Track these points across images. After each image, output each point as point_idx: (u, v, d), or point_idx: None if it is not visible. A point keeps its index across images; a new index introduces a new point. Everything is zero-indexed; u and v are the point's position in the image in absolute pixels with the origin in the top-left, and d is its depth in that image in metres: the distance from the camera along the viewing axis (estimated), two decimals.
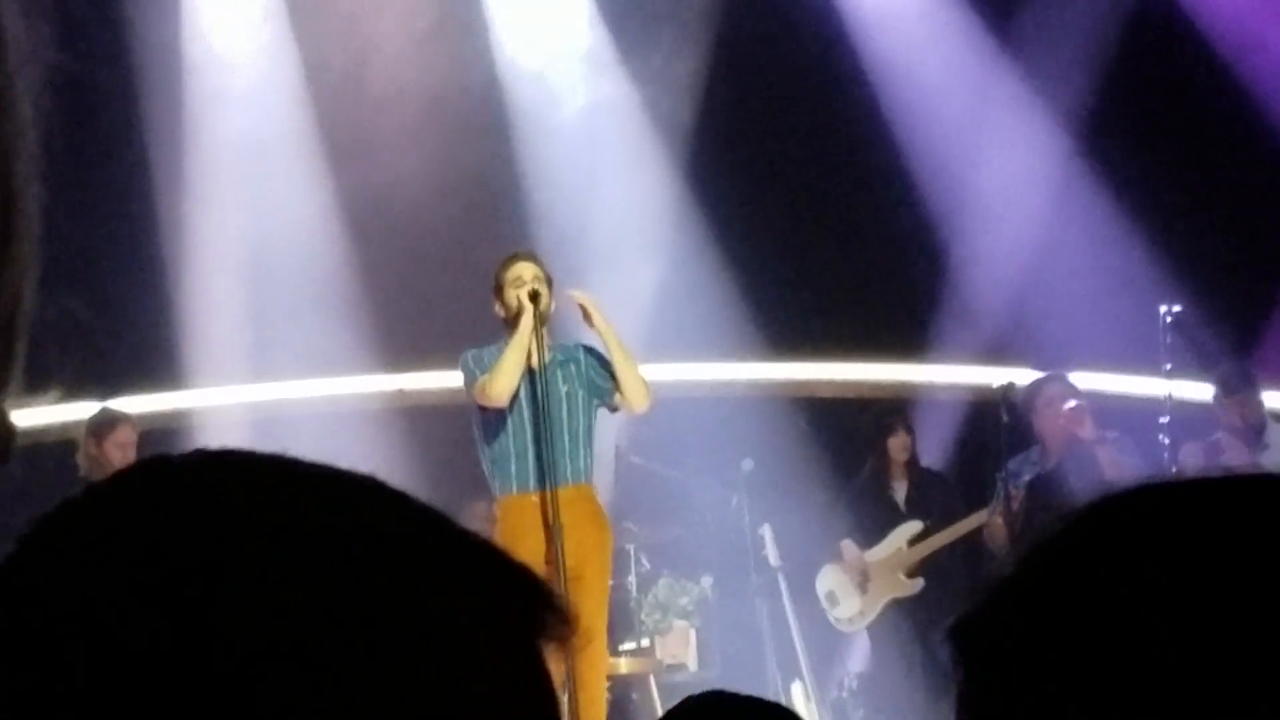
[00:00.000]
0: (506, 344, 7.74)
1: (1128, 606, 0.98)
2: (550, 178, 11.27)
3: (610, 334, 7.80)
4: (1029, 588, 1.03)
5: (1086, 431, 9.33)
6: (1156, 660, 0.96)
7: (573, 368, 7.90)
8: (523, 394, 7.74)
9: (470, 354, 7.88)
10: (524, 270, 7.76)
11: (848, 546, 10.09)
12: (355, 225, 11.08)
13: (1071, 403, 9.43)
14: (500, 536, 7.81)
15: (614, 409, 7.96)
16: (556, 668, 7.43)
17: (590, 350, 8.00)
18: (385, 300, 11.08)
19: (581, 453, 7.83)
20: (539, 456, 7.64)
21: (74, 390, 10.31)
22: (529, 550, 7.59)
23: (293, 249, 10.90)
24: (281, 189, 11.00)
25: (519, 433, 7.75)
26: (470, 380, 7.82)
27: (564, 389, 7.84)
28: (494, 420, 7.78)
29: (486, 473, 7.90)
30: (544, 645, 0.93)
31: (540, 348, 7.66)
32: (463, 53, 11.28)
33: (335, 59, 11.09)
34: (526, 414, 7.74)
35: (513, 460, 7.75)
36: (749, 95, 11.48)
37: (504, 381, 7.65)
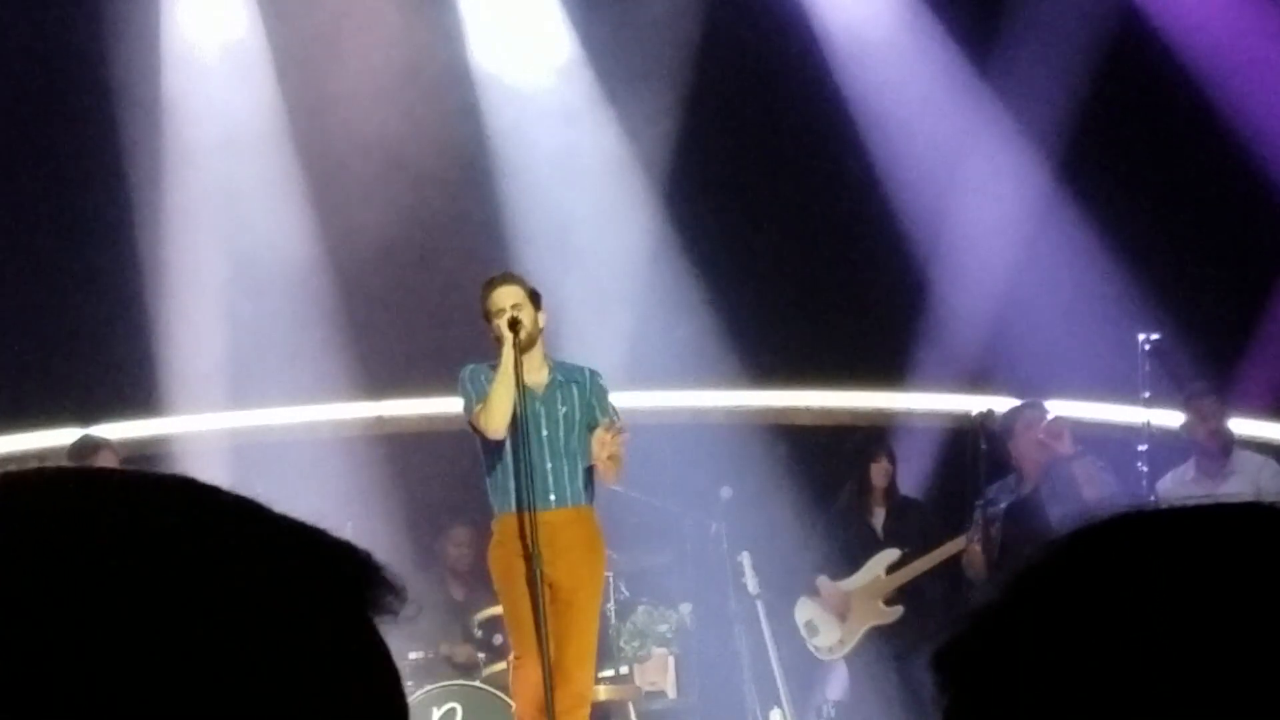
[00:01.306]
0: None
1: (1108, 635, 0.98)
2: (530, 206, 11.28)
3: (615, 464, 7.70)
4: (1012, 615, 1.03)
5: (1065, 447, 9.35)
6: (1137, 687, 0.97)
7: (574, 390, 7.83)
8: (518, 415, 7.70)
9: (468, 372, 7.81)
10: (503, 297, 7.67)
11: (824, 582, 10.08)
12: (334, 254, 11.07)
13: (1051, 416, 9.45)
14: (494, 554, 7.79)
15: None
16: (538, 680, 7.42)
17: (597, 378, 7.95)
18: (364, 328, 11.07)
19: (580, 474, 7.76)
20: (534, 477, 7.61)
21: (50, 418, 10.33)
22: (521, 568, 7.56)
23: (272, 278, 10.90)
24: (261, 219, 11.00)
25: (512, 451, 7.71)
26: (467, 406, 7.79)
27: (562, 410, 7.78)
28: (492, 441, 7.74)
29: (488, 491, 7.86)
30: (375, 619, 0.95)
31: (520, 372, 7.60)
32: (443, 85, 11.30)
33: (315, 93, 11.09)
34: (519, 433, 7.69)
35: (511, 479, 7.70)
36: (728, 125, 11.51)
37: (497, 418, 7.59)
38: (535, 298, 7.76)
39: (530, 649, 7.57)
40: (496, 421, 7.60)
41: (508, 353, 7.54)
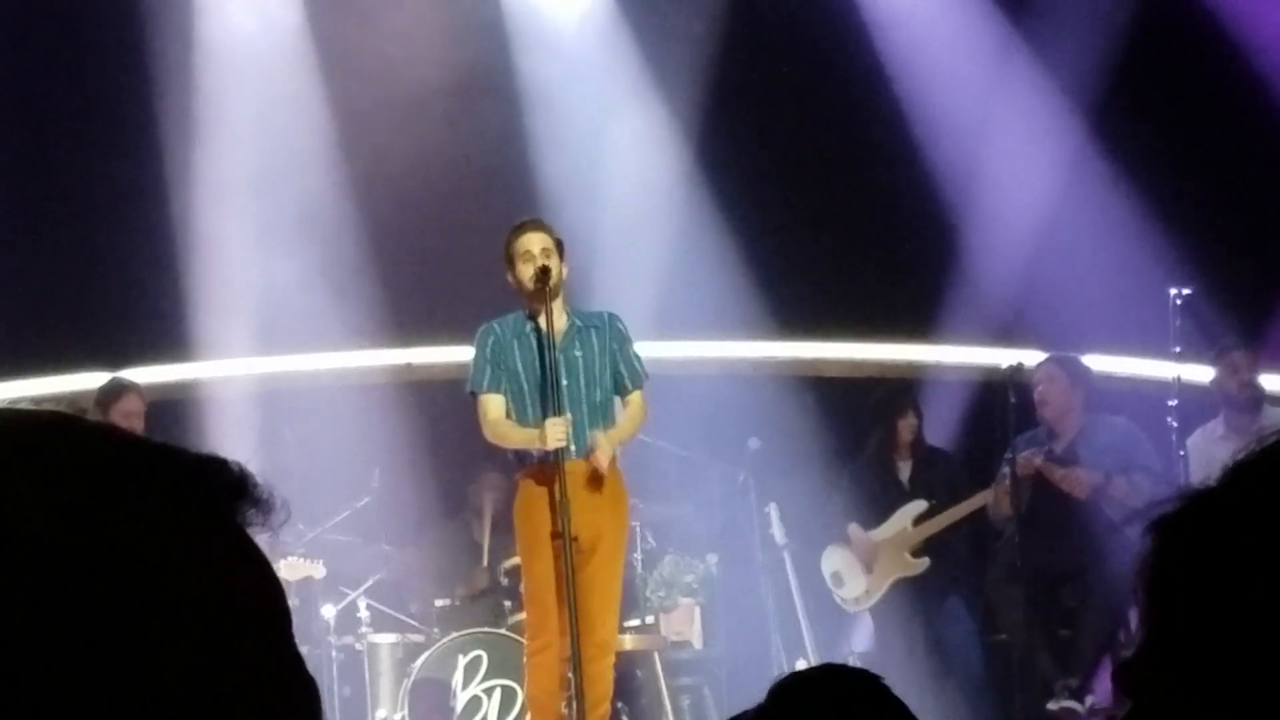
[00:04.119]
0: (522, 315, 7.70)
1: None
2: (560, 155, 11.25)
3: (617, 440, 7.74)
4: (1226, 497, 1.14)
5: (1081, 491, 9.38)
6: None
7: (593, 335, 7.77)
8: (537, 363, 7.69)
9: (488, 338, 7.78)
10: (532, 242, 7.61)
11: (855, 530, 10.08)
12: (364, 201, 11.07)
13: (1058, 473, 9.43)
14: (518, 505, 7.78)
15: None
16: (562, 640, 7.43)
17: (616, 322, 7.89)
18: (394, 274, 11.08)
19: (601, 423, 7.69)
20: None
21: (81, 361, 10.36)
22: (544, 520, 7.54)
23: (302, 224, 10.91)
24: (292, 163, 10.99)
25: (535, 403, 7.70)
26: (474, 382, 7.76)
27: (579, 356, 7.73)
28: (513, 390, 7.75)
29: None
30: (244, 527, 0.99)
31: (550, 317, 7.57)
32: (473, 22, 11.27)
33: (347, 40, 11.07)
34: (542, 384, 7.68)
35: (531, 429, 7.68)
36: (761, 73, 11.47)
37: (498, 442, 7.79)
38: (560, 246, 7.73)
39: (549, 639, 7.55)
40: (493, 440, 7.80)
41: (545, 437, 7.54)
